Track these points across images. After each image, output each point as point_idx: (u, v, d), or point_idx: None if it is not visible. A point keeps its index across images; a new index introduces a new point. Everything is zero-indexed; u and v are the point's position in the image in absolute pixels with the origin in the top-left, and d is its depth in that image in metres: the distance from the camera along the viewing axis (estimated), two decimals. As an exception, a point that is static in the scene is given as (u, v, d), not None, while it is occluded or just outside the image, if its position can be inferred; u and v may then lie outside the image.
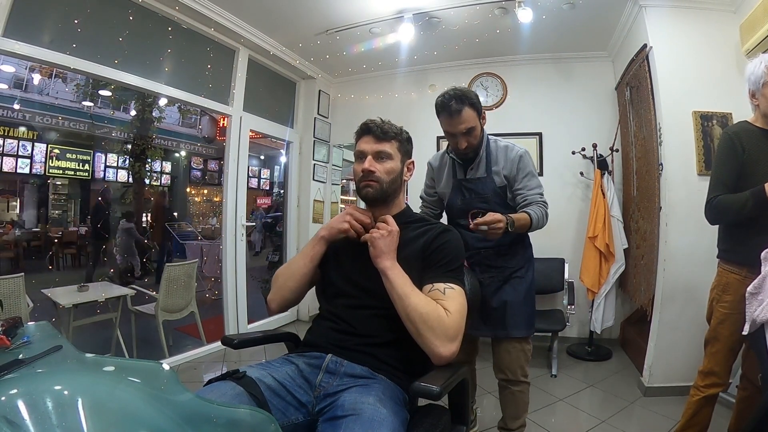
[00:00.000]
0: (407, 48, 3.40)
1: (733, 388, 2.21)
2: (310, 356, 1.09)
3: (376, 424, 0.85)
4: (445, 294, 1.05)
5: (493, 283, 1.66)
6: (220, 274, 3.40)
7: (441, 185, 1.79)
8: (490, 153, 1.67)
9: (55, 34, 2.28)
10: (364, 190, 1.17)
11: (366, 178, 1.16)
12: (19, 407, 0.58)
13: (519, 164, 1.63)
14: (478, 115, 1.58)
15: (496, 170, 1.65)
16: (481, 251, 1.67)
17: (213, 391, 0.91)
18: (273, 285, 1.23)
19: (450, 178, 1.75)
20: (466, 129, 1.56)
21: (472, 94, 1.58)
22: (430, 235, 1.16)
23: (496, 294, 1.66)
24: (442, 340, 0.98)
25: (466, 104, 1.53)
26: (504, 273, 1.67)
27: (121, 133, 8.31)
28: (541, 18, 2.86)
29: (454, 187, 1.73)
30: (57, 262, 6.85)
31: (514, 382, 1.67)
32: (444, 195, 1.79)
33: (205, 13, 2.86)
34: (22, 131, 7.71)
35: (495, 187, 1.66)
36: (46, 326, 1.05)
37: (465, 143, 1.59)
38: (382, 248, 1.07)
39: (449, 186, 1.75)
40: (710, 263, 2.38)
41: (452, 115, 1.54)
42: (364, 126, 1.20)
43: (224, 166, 3.37)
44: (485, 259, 1.68)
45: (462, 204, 1.70)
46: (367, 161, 1.15)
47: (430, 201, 1.90)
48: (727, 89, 2.42)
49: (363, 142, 1.19)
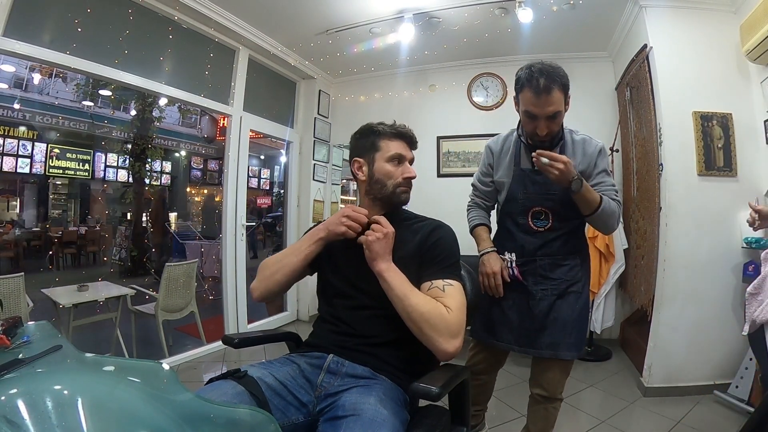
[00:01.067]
0: (407, 48, 3.40)
1: (732, 389, 2.22)
2: (311, 356, 1.09)
3: (376, 424, 0.85)
4: (445, 291, 1.05)
5: (546, 297, 1.46)
6: (220, 274, 3.40)
7: (499, 173, 1.56)
8: (566, 145, 1.46)
9: (55, 34, 2.28)
10: (403, 195, 1.21)
11: (407, 184, 1.21)
12: (18, 407, 0.58)
13: (597, 159, 1.44)
14: (565, 99, 1.36)
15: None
16: (537, 260, 1.47)
17: (214, 390, 0.92)
18: (259, 273, 1.22)
19: (511, 166, 1.52)
20: (553, 112, 1.33)
21: (563, 72, 1.35)
22: (424, 232, 1.16)
23: (548, 309, 1.45)
24: (445, 337, 0.99)
25: (558, 84, 1.31)
26: (560, 286, 1.46)
27: (121, 133, 8.31)
28: (541, 18, 2.86)
29: (517, 178, 1.50)
30: (57, 261, 6.85)
31: (551, 400, 1.53)
32: (501, 185, 1.56)
33: (205, 13, 2.86)
34: (22, 131, 7.71)
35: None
36: (46, 326, 1.04)
37: (546, 129, 1.36)
38: (378, 251, 1.07)
39: (509, 175, 1.52)
40: (710, 263, 2.39)
41: (539, 93, 1.31)
42: (401, 131, 1.23)
43: (224, 166, 3.37)
44: (540, 269, 1.47)
45: (524, 198, 1.47)
46: (412, 169, 1.23)
47: (483, 191, 1.66)
48: (728, 90, 2.42)
49: (400, 146, 1.21)
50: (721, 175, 2.38)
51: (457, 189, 3.70)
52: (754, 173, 2.38)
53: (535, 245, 1.47)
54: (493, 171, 1.60)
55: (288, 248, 1.24)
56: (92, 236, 7.34)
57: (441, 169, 3.84)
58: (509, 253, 1.49)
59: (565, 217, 1.46)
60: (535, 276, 1.48)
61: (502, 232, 1.59)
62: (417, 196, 4.20)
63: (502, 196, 1.56)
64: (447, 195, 3.67)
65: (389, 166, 1.19)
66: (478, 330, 1.59)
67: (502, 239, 1.57)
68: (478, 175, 1.68)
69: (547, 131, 1.37)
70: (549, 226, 1.46)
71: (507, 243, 1.53)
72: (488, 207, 1.69)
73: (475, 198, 1.70)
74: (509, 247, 1.51)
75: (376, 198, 1.20)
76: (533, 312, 1.46)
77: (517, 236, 1.50)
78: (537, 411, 1.56)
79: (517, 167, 1.50)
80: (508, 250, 1.50)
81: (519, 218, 1.50)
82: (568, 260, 1.48)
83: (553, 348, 1.44)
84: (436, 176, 3.84)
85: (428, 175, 3.85)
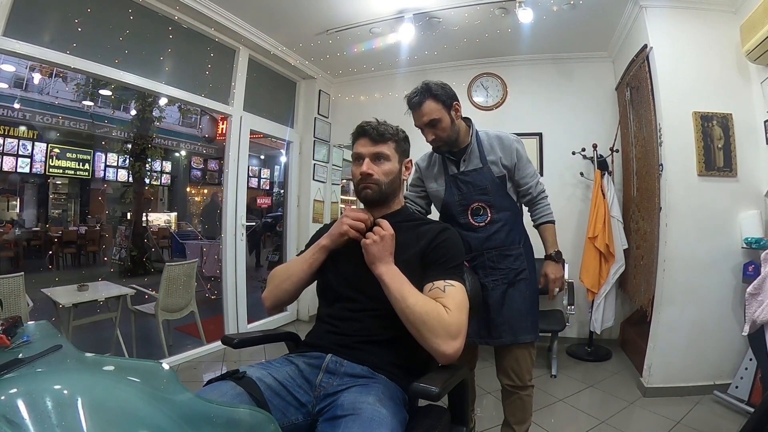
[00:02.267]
0: (407, 48, 3.40)
1: (732, 389, 2.22)
2: (310, 356, 1.09)
3: (375, 424, 0.85)
4: (445, 291, 1.05)
5: (497, 286, 1.58)
6: (220, 273, 3.40)
7: (432, 185, 1.71)
8: (482, 143, 1.62)
9: (55, 34, 2.28)
10: (363, 193, 1.18)
11: (364, 181, 1.17)
12: (18, 406, 0.58)
13: (517, 149, 1.61)
14: (444, 106, 1.52)
15: (493, 159, 1.60)
16: (484, 253, 1.59)
17: (213, 391, 0.92)
18: (269, 283, 1.24)
19: (441, 175, 1.68)
20: (428, 121, 1.52)
21: (436, 85, 1.52)
22: (430, 236, 1.16)
23: (501, 298, 1.57)
24: (444, 338, 0.98)
25: (427, 96, 1.50)
26: (509, 275, 1.59)
27: (121, 133, 8.32)
28: (542, 18, 2.86)
29: (449, 184, 1.64)
30: (57, 261, 6.85)
31: (521, 387, 1.61)
32: (436, 194, 1.70)
33: (205, 13, 2.86)
34: (23, 130, 7.71)
35: (493, 177, 1.60)
36: (46, 325, 1.05)
37: (431, 135, 1.55)
38: (375, 254, 1.07)
39: (442, 183, 1.67)
40: (710, 264, 2.39)
41: (413, 108, 1.54)
42: (359, 128, 1.20)
43: (224, 166, 3.37)
44: (489, 261, 1.59)
45: (460, 199, 1.62)
46: (365, 164, 1.16)
47: (415, 199, 1.80)
48: (728, 90, 2.42)
49: (359, 144, 1.19)
50: (721, 175, 2.38)
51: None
52: (754, 173, 2.38)
53: (480, 240, 1.60)
54: (424, 183, 1.75)
55: (295, 258, 1.26)
56: (92, 236, 7.35)
57: (441, 169, 3.84)
58: None
59: (501, 207, 1.61)
60: (485, 269, 1.60)
61: None
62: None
63: (440, 203, 1.69)
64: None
65: (354, 167, 1.22)
66: None
67: None
68: (409, 187, 1.82)
69: (433, 137, 1.56)
70: (488, 220, 1.60)
71: None
72: (424, 214, 1.77)
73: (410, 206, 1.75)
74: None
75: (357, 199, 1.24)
76: (488, 303, 1.57)
77: (462, 235, 1.49)
78: (512, 402, 1.64)
79: (447, 174, 1.66)
80: None
81: (460, 218, 1.62)
82: (513, 250, 1.61)
83: (513, 334, 1.56)
84: (436, 176, 3.84)
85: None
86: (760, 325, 1.57)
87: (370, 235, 1.10)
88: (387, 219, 1.17)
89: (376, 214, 1.20)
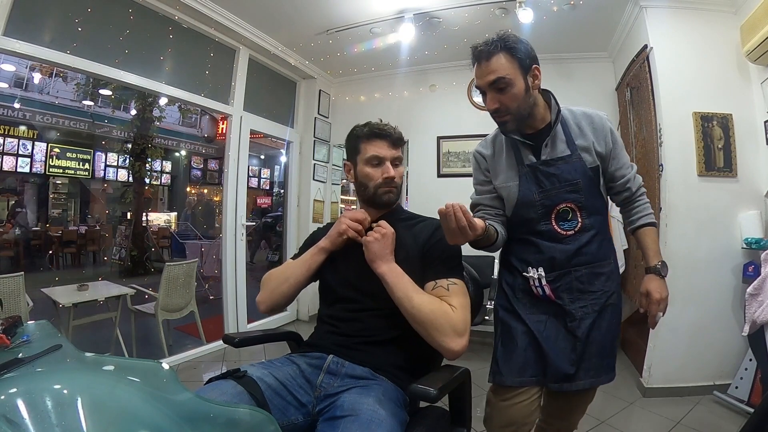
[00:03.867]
0: (407, 48, 3.40)
1: (732, 389, 2.21)
2: (311, 356, 1.09)
3: (373, 425, 0.85)
4: (449, 290, 1.06)
5: (587, 315, 1.18)
6: (220, 273, 3.40)
7: (500, 178, 1.26)
8: (567, 123, 1.21)
9: (55, 33, 2.28)
10: (386, 196, 1.18)
11: (388, 185, 1.17)
12: (18, 406, 0.58)
13: (612, 135, 1.22)
14: (521, 66, 1.12)
15: (583, 145, 1.19)
16: (572, 271, 1.18)
17: (213, 390, 0.92)
18: (263, 287, 1.22)
19: (513, 166, 1.23)
20: (494, 80, 1.12)
21: (515, 38, 1.14)
22: (426, 232, 1.17)
23: (589, 330, 1.17)
24: (451, 336, 0.99)
25: (500, 49, 1.11)
26: (600, 300, 1.19)
27: (122, 133, 8.32)
28: (542, 18, 2.86)
29: (525, 177, 1.21)
30: (57, 261, 6.85)
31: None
32: (506, 192, 1.24)
33: (205, 13, 2.85)
34: (23, 130, 7.71)
35: (585, 168, 1.18)
36: (46, 325, 1.05)
37: (495, 103, 1.15)
38: (376, 252, 1.08)
39: (514, 177, 1.23)
40: (710, 264, 2.39)
41: (479, 58, 1.15)
42: (379, 130, 1.18)
43: (224, 166, 3.37)
44: (578, 282, 1.19)
45: (543, 197, 1.19)
46: (391, 168, 1.16)
47: (489, 201, 1.30)
48: (728, 90, 2.42)
49: (377, 146, 1.17)
50: (721, 175, 2.38)
51: (457, 189, 3.71)
52: (754, 174, 2.38)
53: (568, 253, 1.18)
54: (491, 176, 1.29)
55: (290, 261, 1.25)
56: (92, 236, 7.35)
57: (441, 169, 3.84)
58: (534, 269, 1.20)
59: (594, 209, 1.20)
60: (572, 292, 1.19)
61: (520, 245, 1.26)
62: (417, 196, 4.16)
63: (511, 205, 1.24)
64: (447, 195, 3.65)
65: (368, 169, 1.18)
66: (502, 371, 1.19)
67: (523, 253, 1.24)
68: (476, 188, 1.34)
69: (496, 106, 1.14)
70: (579, 226, 1.18)
71: (530, 256, 1.21)
72: (500, 218, 1.28)
73: (484, 216, 1.27)
74: (534, 260, 1.20)
75: (364, 200, 1.22)
76: (575, 335, 1.17)
77: (543, 247, 1.19)
78: None
79: (522, 165, 1.22)
80: (533, 265, 1.20)
81: (541, 224, 1.20)
82: (605, 267, 1.22)
83: (595, 375, 1.18)
84: (437, 176, 3.84)
85: (428, 175, 3.85)
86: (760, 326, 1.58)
87: (371, 233, 1.10)
88: (384, 218, 1.18)
89: (377, 214, 1.20)
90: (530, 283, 1.20)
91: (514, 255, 1.27)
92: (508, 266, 1.29)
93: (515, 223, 1.25)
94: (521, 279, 1.23)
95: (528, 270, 1.21)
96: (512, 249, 1.28)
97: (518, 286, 1.24)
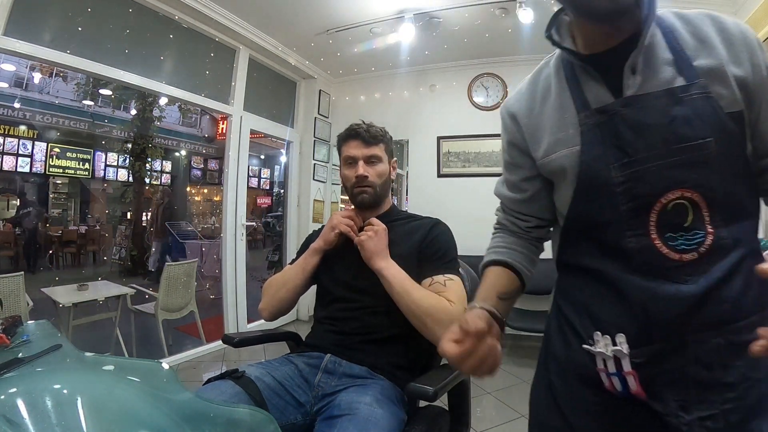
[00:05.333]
0: (408, 48, 3.40)
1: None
2: (309, 356, 1.09)
3: (371, 424, 0.85)
4: (446, 285, 1.06)
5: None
6: (220, 273, 3.41)
7: (543, 146, 0.68)
8: (674, 31, 0.64)
9: (55, 33, 2.28)
10: (359, 197, 1.18)
11: (360, 184, 1.17)
12: (18, 406, 0.58)
13: (759, 48, 0.60)
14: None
15: (710, 66, 0.58)
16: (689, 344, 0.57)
17: (212, 391, 0.92)
18: (264, 294, 1.24)
19: (570, 116, 0.64)
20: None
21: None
22: (422, 231, 1.16)
23: None
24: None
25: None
26: (746, 400, 0.56)
27: (122, 132, 8.32)
28: (542, 18, 2.86)
29: (592, 134, 0.62)
30: (57, 261, 6.86)
31: None
32: (557, 169, 0.66)
33: (205, 13, 2.85)
34: (23, 130, 7.71)
35: (720, 114, 0.57)
36: (46, 325, 1.05)
37: None
38: (372, 249, 1.08)
39: (572, 137, 0.64)
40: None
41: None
42: (350, 131, 1.20)
43: (224, 166, 3.38)
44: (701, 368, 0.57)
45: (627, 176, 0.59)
46: (360, 167, 1.16)
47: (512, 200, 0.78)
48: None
49: (351, 147, 1.19)
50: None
51: (457, 189, 3.72)
52: (754, 174, 2.38)
53: (685, 303, 0.56)
54: (528, 148, 0.71)
55: (288, 266, 1.26)
56: (92, 235, 7.35)
57: (441, 169, 3.84)
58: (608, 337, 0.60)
59: (736, 206, 0.59)
60: (685, 387, 0.57)
61: (580, 282, 0.67)
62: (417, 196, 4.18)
63: (566, 197, 0.66)
64: (447, 195, 3.68)
65: (345, 170, 1.20)
66: None
67: (586, 299, 0.65)
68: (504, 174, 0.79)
69: None
70: (708, 244, 0.57)
71: (601, 308, 0.63)
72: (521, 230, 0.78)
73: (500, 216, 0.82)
74: (608, 317, 0.61)
75: (351, 202, 1.23)
76: None
77: (628, 288, 0.59)
78: None
79: (586, 111, 0.63)
80: (605, 328, 0.61)
81: (626, 236, 0.59)
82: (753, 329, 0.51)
83: None
84: (437, 176, 3.84)
85: (428, 175, 3.85)
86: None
87: (363, 233, 1.11)
88: (379, 219, 1.18)
89: (368, 216, 1.20)
90: (597, 364, 0.61)
91: (568, 301, 0.68)
92: (559, 321, 0.70)
93: (574, 235, 0.67)
94: (580, 354, 0.62)
95: (593, 338, 0.60)
96: (566, 288, 0.70)
97: (572, 368, 0.64)
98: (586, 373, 0.62)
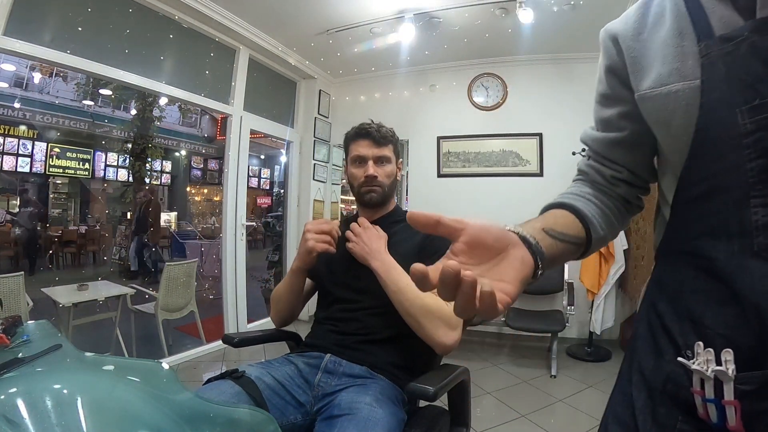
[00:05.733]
0: (408, 48, 3.40)
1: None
2: (309, 356, 1.09)
3: (371, 423, 0.85)
4: None
5: None
6: (220, 273, 3.41)
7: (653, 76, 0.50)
8: None
9: (55, 33, 2.28)
10: (367, 196, 1.18)
11: (369, 184, 1.17)
12: (18, 406, 0.58)
13: None
14: None
15: None
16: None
17: (212, 391, 0.92)
18: (271, 304, 1.28)
19: (689, 44, 0.47)
20: None
21: None
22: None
23: None
24: (444, 329, 0.98)
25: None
26: None
27: (122, 132, 8.32)
28: (542, 18, 2.86)
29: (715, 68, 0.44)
30: (57, 261, 6.85)
31: None
32: (666, 107, 0.48)
33: (205, 13, 2.85)
34: (23, 130, 7.71)
35: None
36: (46, 325, 1.05)
37: None
38: (361, 253, 1.09)
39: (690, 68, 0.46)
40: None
41: None
42: (361, 130, 1.19)
43: (224, 166, 3.38)
44: None
45: (759, 123, 0.40)
46: (371, 167, 1.16)
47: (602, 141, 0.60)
48: (728, 90, 2.42)
49: (361, 146, 1.19)
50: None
51: (457, 189, 3.72)
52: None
53: None
54: (630, 79, 0.54)
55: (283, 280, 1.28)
56: (92, 235, 7.35)
57: (441, 169, 3.84)
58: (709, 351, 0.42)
59: None
60: None
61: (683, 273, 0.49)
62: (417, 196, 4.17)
63: (676, 146, 0.49)
64: (447, 195, 3.68)
65: (353, 169, 1.20)
66: None
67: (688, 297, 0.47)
68: (595, 111, 0.64)
69: None
70: None
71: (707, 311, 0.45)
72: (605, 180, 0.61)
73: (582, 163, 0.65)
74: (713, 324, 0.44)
75: (356, 201, 1.23)
76: None
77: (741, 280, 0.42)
78: None
79: (708, 39, 0.45)
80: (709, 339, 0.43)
81: (749, 207, 0.42)
82: None
83: None
84: (437, 176, 3.83)
85: (428, 175, 3.85)
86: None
87: (350, 237, 1.11)
88: (382, 219, 1.18)
89: (374, 215, 1.20)
90: (693, 384, 0.44)
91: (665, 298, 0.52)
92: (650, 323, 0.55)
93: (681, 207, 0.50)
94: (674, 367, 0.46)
95: (693, 349, 0.45)
96: (665, 281, 0.54)
97: (660, 382, 0.49)
98: (677, 392, 0.45)
